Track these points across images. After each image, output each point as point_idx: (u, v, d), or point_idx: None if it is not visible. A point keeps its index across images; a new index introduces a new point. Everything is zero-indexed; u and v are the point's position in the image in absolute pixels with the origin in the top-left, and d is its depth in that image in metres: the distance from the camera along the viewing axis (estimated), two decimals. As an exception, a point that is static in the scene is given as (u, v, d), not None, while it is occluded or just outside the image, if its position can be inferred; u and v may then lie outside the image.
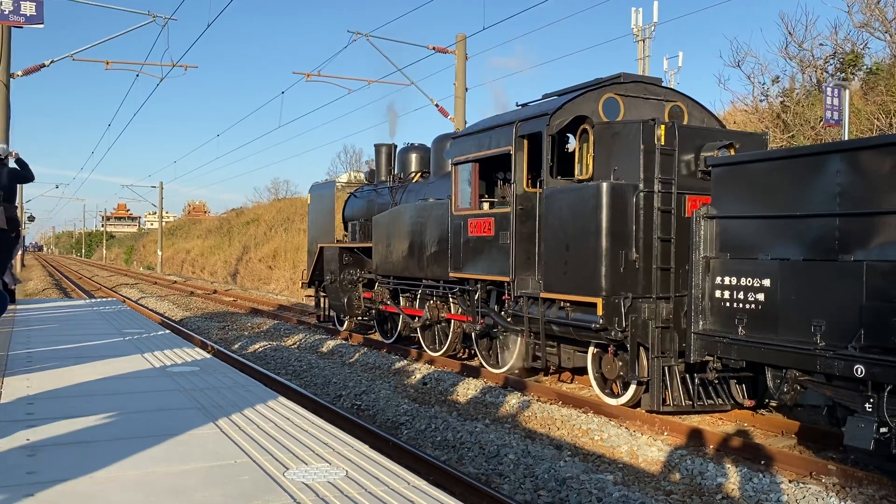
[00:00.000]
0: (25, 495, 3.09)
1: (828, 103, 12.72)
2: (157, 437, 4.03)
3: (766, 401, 8.00)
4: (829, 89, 12.87)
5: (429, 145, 12.93)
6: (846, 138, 12.38)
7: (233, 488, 3.23)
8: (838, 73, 17.56)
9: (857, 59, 17.32)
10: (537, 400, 8.79)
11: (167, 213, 76.79)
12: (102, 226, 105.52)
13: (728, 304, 6.78)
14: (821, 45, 18.42)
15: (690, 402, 7.70)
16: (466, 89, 18.61)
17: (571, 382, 10.11)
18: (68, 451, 3.73)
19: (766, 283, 6.42)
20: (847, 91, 12.50)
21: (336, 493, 3.17)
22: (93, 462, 3.56)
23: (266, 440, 4.01)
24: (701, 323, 7.02)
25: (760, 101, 18.85)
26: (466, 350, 11.60)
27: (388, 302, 12.82)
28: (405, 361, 11.46)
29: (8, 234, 8.06)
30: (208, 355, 7.20)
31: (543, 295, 8.60)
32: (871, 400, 5.56)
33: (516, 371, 9.86)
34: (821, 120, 14.32)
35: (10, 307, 10.91)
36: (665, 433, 7.50)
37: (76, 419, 4.39)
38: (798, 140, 16.15)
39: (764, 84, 18.92)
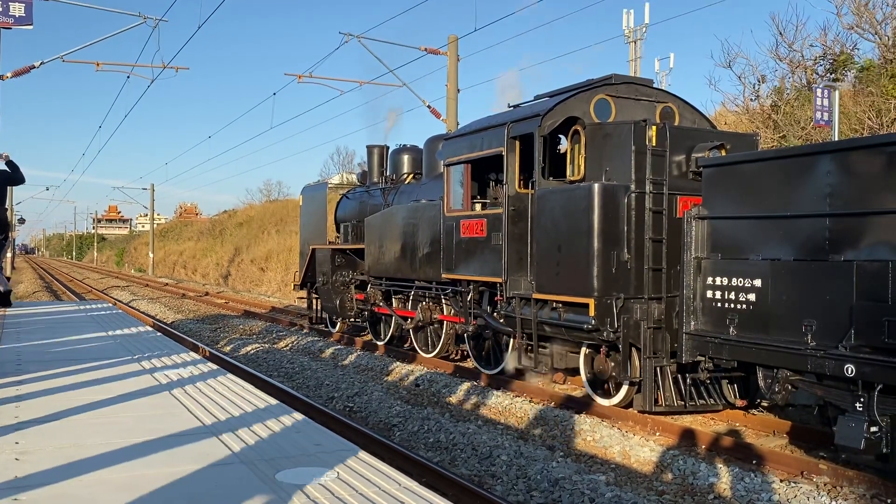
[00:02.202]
0: (12, 498, 3.06)
1: (818, 104, 12.79)
2: (147, 438, 4.01)
3: (758, 401, 8.03)
4: (819, 90, 12.94)
5: (421, 146, 12.93)
6: (836, 139, 12.45)
7: (224, 489, 3.21)
8: (828, 74, 17.67)
9: (848, 60, 17.42)
10: (530, 401, 8.79)
11: (159, 214, 76.53)
12: (93, 228, 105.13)
13: (719, 304, 6.80)
14: (811, 45, 18.53)
15: (682, 403, 7.72)
16: (458, 90, 18.61)
17: (564, 383, 10.12)
18: (57, 454, 3.70)
19: (758, 283, 6.44)
20: (837, 92, 12.57)
21: (327, 495, 3.16)
22: (81, 464, 3.54)
23: (257, 442, 3.99)
24: (692, 323, 7.04)
25: (751, 101, 18.94)
26: (459, 351, 11.60)
27: (381, 303, 12.81)
28: (397, 363, 11.45)
29: None
30: (200, 358, 7.17)
31: (535, 296, 8.61)
32: (862, 399, 5.59)
33: (508, 372, 9.86)
34: (811, 120, 14.39)
35: (1, 311, 10.84)
36: (657, 433, 7.51)
37: (65, 420, 4.36)
38: (789, 141, 16.22)
39: (755, 85, 19.02)
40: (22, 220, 30.78)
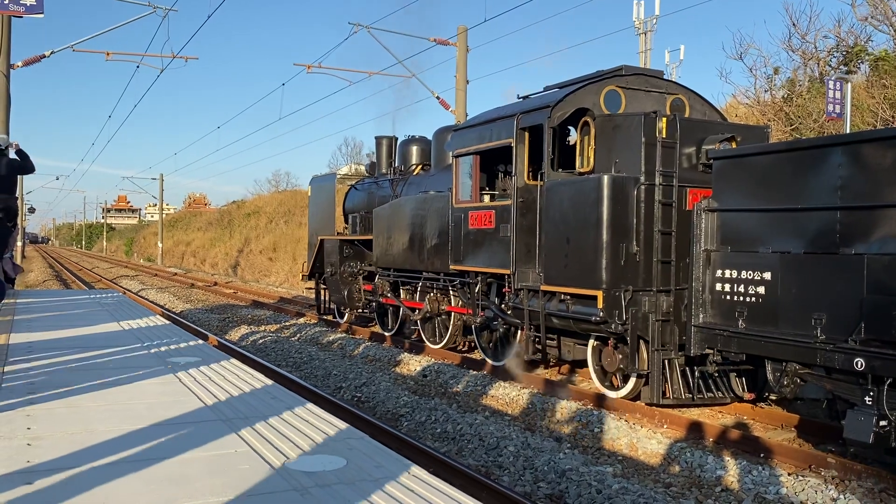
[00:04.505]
0: (25, 483, 3.09)
1: (830, 97, 12.70)
2: (157, 426, 4.04)
3: (766, 394, 8.00)
4: (831, 82, 12.84)
5: (430, 138, 12.92)
6: (848, 131, 12.36)
7: (233, 477, 3.24)
8: (841, 67, 17.52)
9: (861, 52, 17.27)
10: (537, 392, 8.80)
11: (168, 205, 76.71)
12: (103, 218, 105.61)
13: (728, 297, 6.78)
14: (824, 37, 18.38)
15: (690, 395, 7.70)
16: (468, 81, 18.58)
17: (571, 375, 10.12)
18: (68, 440, 3.74)
19: (767, 276, 6.41)
20: (849, 84, 12.47)
21: (337, 482, 3.18)
22: (92, 450, 3.57)
23: (266, 430, 4.01)
24: (701, 316, 7.02)
25: (764, 92, 18.81)
26: (466, 342, 11.61)
27: (389, 294, 12.82)
28: (405, 354, 11.47)
29: (2, 223, 8.04)
30: (209, 347, 7.21)
31: (544, 287, 8.60)
32: (871, 393, 5.57)
33: (516, 364, 9.87)
34: (823, 113, 14.29)
35: (11, 301, 10.91)
36: (665, 426, 7.51)
37: (76, 407, 4.40)
38: (802, 133, 16.12)
39: (768, 75, 18.88)
40: (32, 210, 30.91)
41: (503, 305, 9.64)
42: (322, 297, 15.55)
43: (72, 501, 2.92)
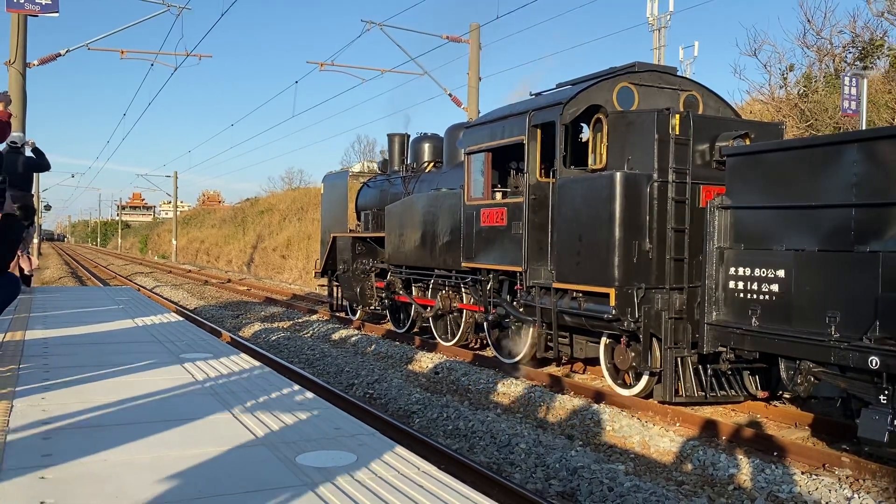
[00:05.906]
0: (40, 477, 3.12)
1: (846, 93, 12.57)
2: (170, 421, 4.06)
3: (780, 392, 7.96)
4: (847, 78, 12.72)
5: (442, 135, 12.92)
6: (864, 128, 12.24)
7: (243, 470, 3.25)
8: (857, 62, 17.35)
9: (879, 47, 17.09)
10: (549, 390, 8.79)
11: (182, 202, 77.22)
12: (118, 215, 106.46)
13: (742, 294, 6.74)
14: (839, 32, 18.21)
15: (703, 394, 7.67)
16: (480, 79, 18.56)
17: (583, 373, 10.10)
18: (81, 435, 3.77)
19: (781, 273, 6.37)
20: (865, 80, 12.35)
21: (347, 478, 3.19)
22: (105, 445, 3.60)
23: (277, 425, 4.03)
24: (714, 314, 6.99)
25: (779, 88, 18.66)
26: (478, 340, 11.62)
27: (401, 291, 12.84)
28: (417, 351, 11.48)
29: (18, 221, 8.10)
30: (222, 343, 7.25)
31: (556, 285, 8.59)
32: (886, 392, 5.52)
33: (528, 361, 9.86)
34: (839, 109, 14.15)
35: (27, 297, 11.02)
36: (677, 424, 7.48)
37: (89, 403, 4.43)
38: (818, 130, 15.97)
39: (783, 73, 18.73)
40: (48, 207, 31.18)
41: (515, 303, 9.63)
42: (335, 295, 15.60)
43: (86, 494, 2.95)
